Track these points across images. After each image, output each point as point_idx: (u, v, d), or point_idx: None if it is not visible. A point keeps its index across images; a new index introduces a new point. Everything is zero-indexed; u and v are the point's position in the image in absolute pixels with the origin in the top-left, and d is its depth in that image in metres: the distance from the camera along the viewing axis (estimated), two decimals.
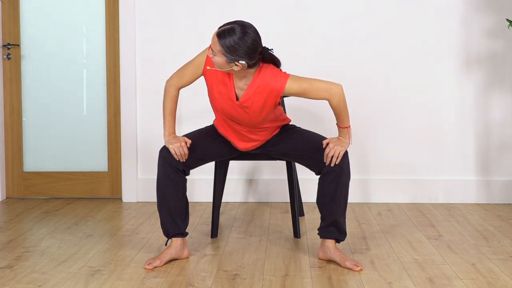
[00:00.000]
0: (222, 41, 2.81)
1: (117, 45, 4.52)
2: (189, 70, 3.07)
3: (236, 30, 2.81)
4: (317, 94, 2.96)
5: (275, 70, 2.94)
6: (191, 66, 3.07)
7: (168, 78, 3.13)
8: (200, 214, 4.10)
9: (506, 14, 4.31)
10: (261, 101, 2.95)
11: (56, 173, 4.64)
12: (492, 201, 4.42)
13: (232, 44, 2.79)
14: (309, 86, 2.94)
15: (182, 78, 3.09)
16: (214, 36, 2.84)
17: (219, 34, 2.82)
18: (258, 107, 2.97)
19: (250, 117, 3.01)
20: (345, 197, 3.02)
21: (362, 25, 4.40)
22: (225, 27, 2.83)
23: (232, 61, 2.83)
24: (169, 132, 3.09)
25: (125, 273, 2.90)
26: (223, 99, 3.00)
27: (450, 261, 3.06)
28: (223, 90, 2.99)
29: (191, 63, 3.08)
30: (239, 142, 3.19)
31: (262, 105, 2.96)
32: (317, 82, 2.96)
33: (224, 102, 3.01)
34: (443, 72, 4.40)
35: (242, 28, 2.81)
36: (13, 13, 4.55)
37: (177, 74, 3.11)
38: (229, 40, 2.80)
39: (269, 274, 2.88)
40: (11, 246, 3.36)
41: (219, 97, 3.01)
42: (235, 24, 2.83)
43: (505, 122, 4.40)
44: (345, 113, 3.02)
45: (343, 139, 3.03)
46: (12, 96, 4.60)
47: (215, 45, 2.84)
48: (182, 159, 3.04)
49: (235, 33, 2.80)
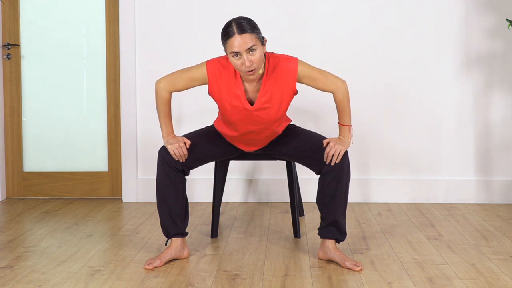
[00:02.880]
0: (249, 27, 2.79)
1: (117, 45, 4.52)
2: (183, 80, 3.02)
3: (236, 18, 2.84)
4: (325, 84, 3.02)
5: (282, 55, 2.98)
6: (186, 77, 3.02)
7: (159, 80, 3.05)
8: (200, 214, 4.10)
9: (506, 14, 4.31)
10: (279, 91, 2.96)
11: (56, 173, 4.64)
12: (492, 201, 4.42)
13: (252, 23, 2.82)
14: (320, 75, 3.01)
15: (174, 85, 3.04)
16: (241, 36, 2.76)
17: (243, 28, 2.78)
18: (277, 100, 2.97)
19: (270, 116, 3.00)
20: (345, 196, 3.02)
21: (362, 25, 4.40)
22: (233, 25, 2.80)
23: (263, 41, 2.84)
24: (168, 133, 3.08)
25: (125, 273, 2.90)
26: (237, 111, 2.98)
27: (450, 261, 3.06)
28: (235, 103, 2.97)
29: (186, 74, 3.01)
30: (245, 146, 3.20)
31: (280, 96, 2.97)
32: (326, 72, 3.04)
33: (239, 114, 2.99)
34: (443, 72, 4.40)
35: (236, 18, 2.85)
36: (13, 13, 4.56)
37: (170, 79, 3.04)
38: (248, 22, 2.81)
39: (269, 274, 2.88)
40: (11, 246, 3.36)
41: (233, 111, 2.99)
42: (231, 19, 2.85)
43: (505, 122, 4.40)
44: (348, 109, 3.06)
45: (344, 138, 3.04)
46: (12, 96, 4.60)
47: (249, 40, 2.77)
48: (182, 159, 3.03)
49: (241, 18, 2.83)
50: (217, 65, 2.97)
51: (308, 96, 4.30)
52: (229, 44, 2.80)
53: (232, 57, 2.82)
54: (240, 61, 2.80)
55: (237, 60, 2.81)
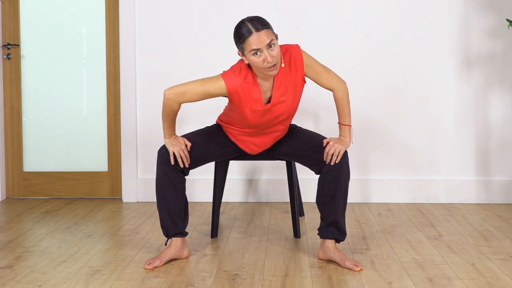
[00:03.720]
0: (264, 24, 2.80)
1: (117, 45, 4.52)
2: (197, 95, 2.94)
3: (247, 18, 2.83)
4: (327, 79, 3.04)
5: (283, 44, 3.00)
6: (201, 92, 2.92)
7: (170, 92, 2.94)
8: (200, 214, 4.10)
9: (506, 14, 4.31)
10: (292, 82, 2.97)
11: (56, 173, 4.64)
12: (492, 201, 4.42)
13: (264, 20, 2.84)
14: (323, 70, 3.04)
15: (186, 97, 2.95)
16: (258, 33, 2.76)
17: (259, 25, 2.78)
18: (291, 91, 2.98)
19: (286, 109, 3.01)
20: (344, 196, 3.03)
21: (362, 25, 4.40)
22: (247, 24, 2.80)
23: (277, 36, 2.85)
24: (170, 134, 3.08)
25: (125, 273, 2.90)
26: (257, 114, 2.98)
27: (450, 261, 3.06)
28: (256, 107, 2.96)
29: (202, 88, 2.92)
30: (253, 146, 3.19)
31: (294, 86, 2.98)
32: (328, 69, 3.07)
33: (258, 116, 2.99)
34: (443, 72, 4.40)
35: (246, 18, 2.84)
36: (13, 13, 4.56)
37: (182, 91, 2.94)
38: (261, 20, 2.82)
39: (269, 274, 2.88)
40: (11, 246, 3.36)
41: (252, 114, 2.98)
42: (242, 20, 2.85)
43: (505, 122, 4.40)
44: (348, 109, 3.07)
45: (344, 138, 3.04)
46: (12, 96, 4.60)
47: (267, 36, 2.78)
48: (185, 162, 3.03)
49: (251, 17, 2.83)
50: (235, 77, 2.92)
51: (308, 96, 4.30)
52: (248, 43, 2.79)
53: (252, 55, 2.80)
54: (261, 57, 2.80)
55: (258, 58, 2.80)
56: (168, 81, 4.44)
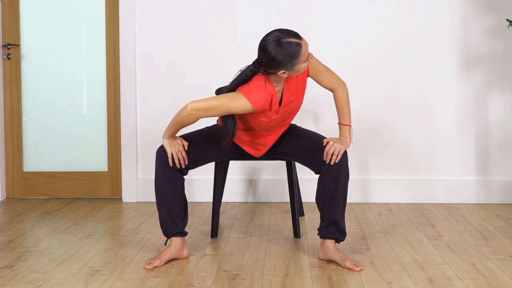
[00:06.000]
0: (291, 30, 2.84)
1: (117, 45, 4.52)
2: (218, 113, 2.85)
3: (279, 32, 2.78)
4: (328, 79, 3.08)
5: None
6: (225, 111, 2.83)
7: (194, 105, 2.84)
8: (200, 214, 4.10)
9: (506, 14, 4.31)
10: (297, 80, 2.98)
11: (56, 173, 4.64)
12: (492, 201, 4.42)
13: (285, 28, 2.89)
14: (324, 69, 3.08)
15: (207, 114, 2.86)
16: (302, 40, 2.78)
17: (289, 31, 2.79)
18: (298, 90, 3.00)
19: (294, 107, 3.03)
20: (344, 196, 3.03)
21: (362, 25, 4.40)
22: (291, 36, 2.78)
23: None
24: (170, 136, 3.07)
25: (125, 273, 2.90)
26: (269, 120, 2.98)
27: (450, 261, 3.06)
28: (270, 114, 2.96)
29: (226, 108, 2.82)
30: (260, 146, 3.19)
31: (301, 84, 3.00)
32: (329, 69, 3.10)
33: (270, 122, 2.99)
34: (443, 72, 4.40)
35: (278, 33, 2.79)
36: (13, 13, 4.56)
37: (205, 109, 2.83)
38: (284, 28, 2.84)
39: (269, 274, 2.88)
40: (11, 246, 3.36)
41: (266, 121, 2.97)
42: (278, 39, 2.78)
43: (505, 122, 4.40)
44: (348, 109, 3.10)
45: (344, 138, 3.05)
46: (12, 96, 4.60)
47: (308, 48, 2.82)
48: (182, 163, 3.03)
49: (280, 30, 2.81)
50: (258, 94, 2.84)
51: (308, 96, 4.30)
52: (303, 54, 2.78)
53: (304, 62, 2.82)
54: (307, 61, 2.85)
55: (306, 62, 2.84)
56: (168, 81, 4.45)
